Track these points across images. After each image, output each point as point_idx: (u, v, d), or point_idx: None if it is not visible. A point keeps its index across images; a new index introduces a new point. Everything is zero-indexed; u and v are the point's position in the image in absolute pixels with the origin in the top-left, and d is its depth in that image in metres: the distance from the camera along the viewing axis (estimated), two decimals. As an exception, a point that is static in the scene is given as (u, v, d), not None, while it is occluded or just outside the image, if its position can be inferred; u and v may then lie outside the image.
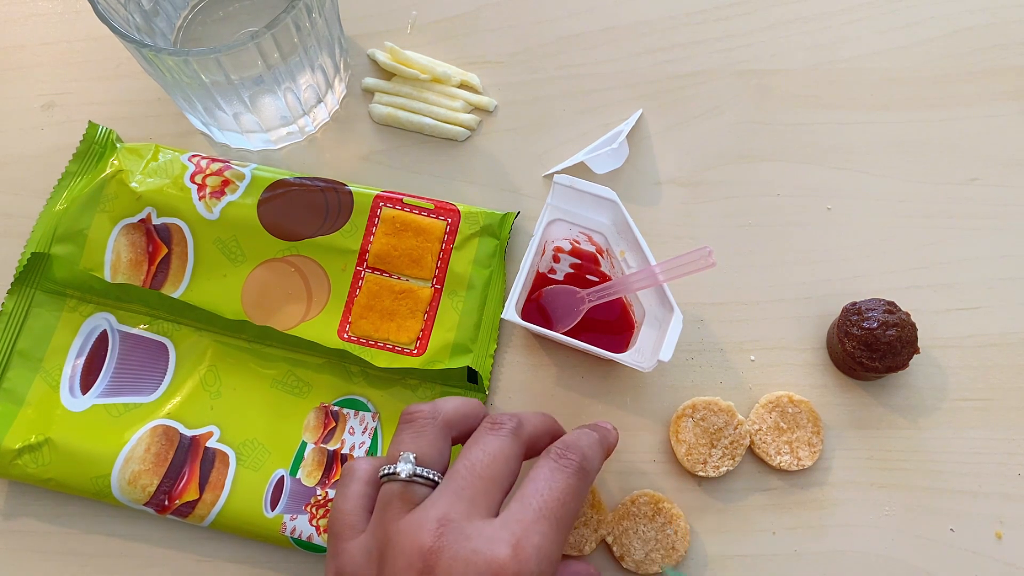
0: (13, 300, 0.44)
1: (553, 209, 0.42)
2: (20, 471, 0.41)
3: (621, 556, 0.40)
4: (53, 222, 0.44)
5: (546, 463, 0.32)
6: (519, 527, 0.30)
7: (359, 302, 0.43)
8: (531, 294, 0.43)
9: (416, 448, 0.32)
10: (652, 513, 0.40)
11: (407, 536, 0.30)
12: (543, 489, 0.31)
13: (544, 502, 0.31)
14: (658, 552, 0.39)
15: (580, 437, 0.34)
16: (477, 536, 0.29)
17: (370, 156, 0.48)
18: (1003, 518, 0.41)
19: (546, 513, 0.30)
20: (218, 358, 0.43)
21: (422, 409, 0.33)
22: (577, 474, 0.32)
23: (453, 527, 0.29)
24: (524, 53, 0.50)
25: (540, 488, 0.31)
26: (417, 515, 0.30)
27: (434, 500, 0.31)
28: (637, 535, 0.40)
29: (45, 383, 0.42)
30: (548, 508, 0.30)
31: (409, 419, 0.33)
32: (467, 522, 0.30)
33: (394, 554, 0.30)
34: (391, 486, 0.32)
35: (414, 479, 0.31)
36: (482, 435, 0.33)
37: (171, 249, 0.44)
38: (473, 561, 0.28)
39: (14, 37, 0.51)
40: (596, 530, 0.40)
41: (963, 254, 0.45)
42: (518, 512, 0.30)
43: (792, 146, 0.48)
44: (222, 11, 0.47)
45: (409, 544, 0.29)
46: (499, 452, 0.32)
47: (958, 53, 0.49)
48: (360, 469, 0.34)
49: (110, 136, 0.47)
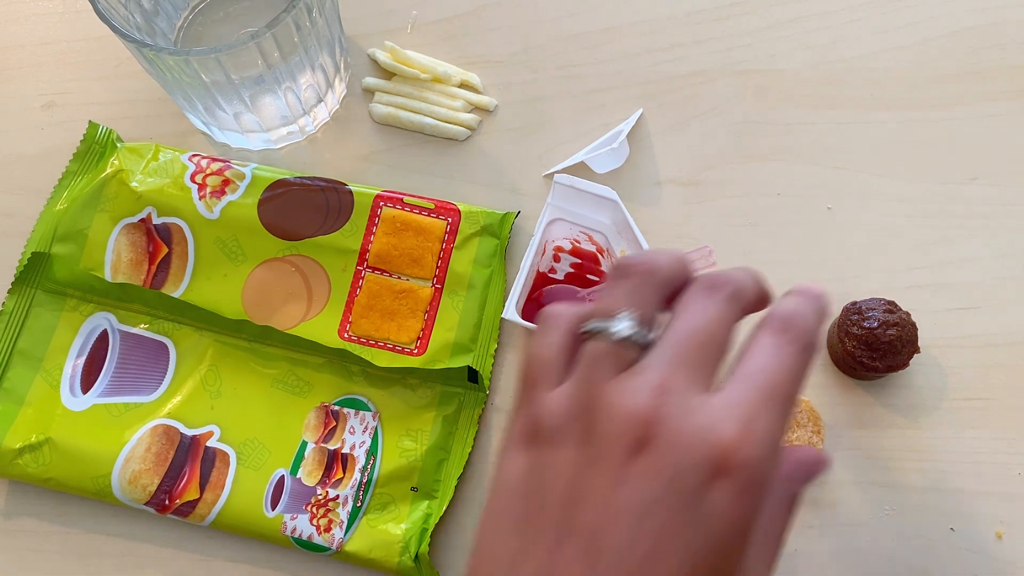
0: (14, 300, 0.44)
1: (553, 209, 0.42)
2: (20, 471, 0.41)
3: None
4: (53, 222, 0.44)
5: (770, 338, 0.28)
6: (746, 407, 0.26)
7: (359, 302, 0.43)
8: (532, 293, 0.43)
9: (633, 306, 0.29)
10: None
11: (622, 400, 0.26)
12: (770, 367, 0.27)
13: (772, 381, 0.27)
14: None
15: (801, 307, 0.30)
16: (700, 411, 0.26)
17: (370, 156, 0.48)
18: (1003, 518, 0.41)
19: (774, 394, 0.27)
20: (218, 358, 0.43)
21: (639, 263, 0.30)
22: (805, 351, 0.28)
23: (674, 397, 0.26)
24: (524, 53, 0.50)
25: (766, 365, 0.28)
26: (633, 379, 0.27)
27: (650, 366, 0.27)
28: None
29: (45, 383, 0.42)
30: (776, 388, 0.27)
31: (624, 272, 0.30)
32: (688, 394, 0.26)
33: (605, 417, 0.26)
34: (600, 344, 0.28)
35: (629, 341, 0.28)
36: (698, 298, 0.29)
37: (171, 249, 0.44)
38: (697, 437, 0.25)
39: (14, 37, 0.51)
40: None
41: (963, 254, 0.45)
42: (743, 390, 0.27)
43: (792, 146, 0.48)
44: (222, 11, 0.47)
45: (624, 409, 0.26)
46: (718, 320, 0.28)
47: (958, 53, 0.49)
48: (564, 318, 0.30)
49: (110, 136, 0.47)
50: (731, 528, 0.25)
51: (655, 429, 0.26)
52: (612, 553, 0.25)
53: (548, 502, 0.27)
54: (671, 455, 0.25)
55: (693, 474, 0.25)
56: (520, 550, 0.27)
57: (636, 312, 0.28)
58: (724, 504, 0.25)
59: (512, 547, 0.27)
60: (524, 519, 0.27)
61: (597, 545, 0.25)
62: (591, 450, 0.26)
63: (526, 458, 0.28)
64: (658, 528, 0.25)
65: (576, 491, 0.26)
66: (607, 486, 0.26)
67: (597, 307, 0.29)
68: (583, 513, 0.26)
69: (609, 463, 0.26)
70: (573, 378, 0.28)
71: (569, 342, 0.30)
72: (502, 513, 0.28)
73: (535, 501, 0.27)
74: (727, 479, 0.25)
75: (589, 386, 0.27)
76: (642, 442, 0.26)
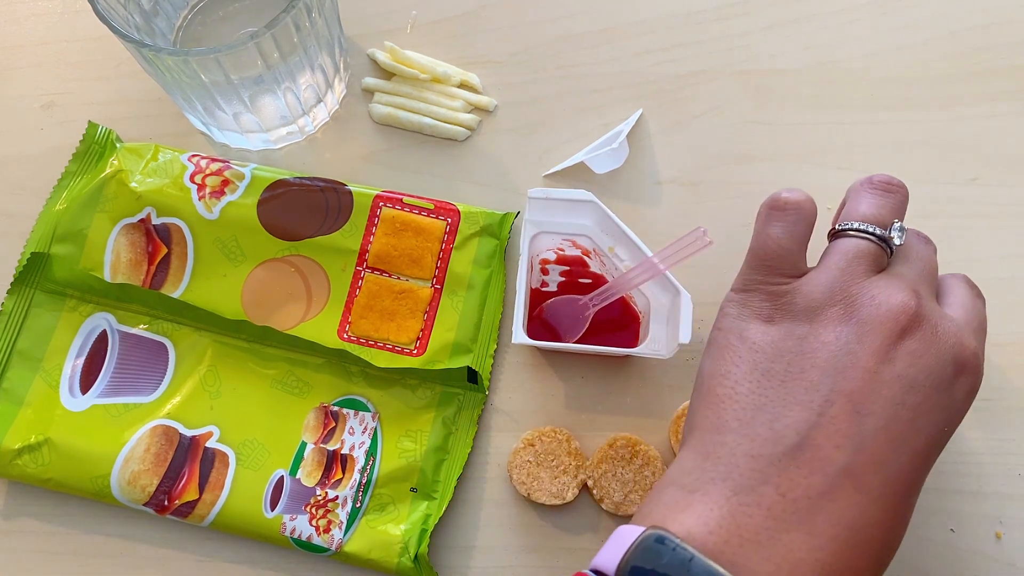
0: (13, 300, 0.44)
1: (532, 224, 0.42)
2: (20, 471, 0.41)
3: (600, 498, 0.40)
4: (53, 222, 0.44)
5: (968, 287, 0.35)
6: (975, 328, 0.33)
7: (359, 302, 0.43)
8: (531, 312, 0.43)
9: (894, 216, 0.35)
10: (630, 456, 0.40)
11: (888, 293, 0.31)
12: (977, 307, 0.34)
13: (980, 316, 0.34)
14: (636, 493, 0.40)
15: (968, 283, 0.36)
16: (949, 318, 0.32)
17: (370, 156, 0.48)
18: (1003, 518, 0.41)
19: (982, 326, 0.34)
20: (218, 358, 0.43)
21: (892, 182, 0.36)
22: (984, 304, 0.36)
23: (929, 301, 0.32)
24: (524, 53, 0.50)
25: (975, 306, 0.34)
26: (894, 280, 0.32)
27: (905, 274, 0.33)
28: (616, 477, 0.40)
29: (45, 383, 0.42)
30: (982, 323, 0.34)
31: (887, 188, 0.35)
32: (933, 304, 0.32)
33: (871, 304, 0.31)
34: (862, 242, 0.33)
35: (893, 247, 0.34)
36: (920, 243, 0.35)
37: (171, 249, 0.44)
38: (953, 336, 0.31)
39: (14, 37, 0.51)
40: (576, 476, 0.41)
41: (963, 254, 0.45)
42: (970, 318, 0.33)
43: (792, 146, 0.48)
44: (222, 11, 0.47)
45: (893, 300, 0.31)
46: (934, 260, 0.35)
47: (958, 53, 0.49)
48: (805, 210, 0.35)
49: (110, 136, 0.47)
50: (960, 416, 0.32)
51: (919, 320, 0.31)
52: (878, 417, 0.29)
53: (809, 365, 0.31)
54: (934, 346, 0.31)
55: (947, 367, 0.31)
56: (779, 400, 0.30)
57: (893, 221, 0.34)
58: (962, 396, 0.31)
59: (766, 398, 0.31)
60: (779, 376, 0.31)
61: (865, 407, 0.29)
62: (858, 329, 0.31)
63: (776, 330, 0.32)
64: (919, 403, 0.30)
65: (840, 361, 0.30)
66: (873, 361, 0.30)
67: (861, 211, 0.34)
68: (847, 381, 0.30)
69: (876, 342, 0.30)
70: (830, 267, 0.33)
71: (808, 233, 0.35)
72: (749, 367, 0.32)
73: (795, 363, 0.31)
74: (966, 377, 0.31)
75: (849, 277, 0.32)
76: (907, 330, 0.31)
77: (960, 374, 0.31)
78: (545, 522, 0.41)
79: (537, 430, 0.41)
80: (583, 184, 0.47)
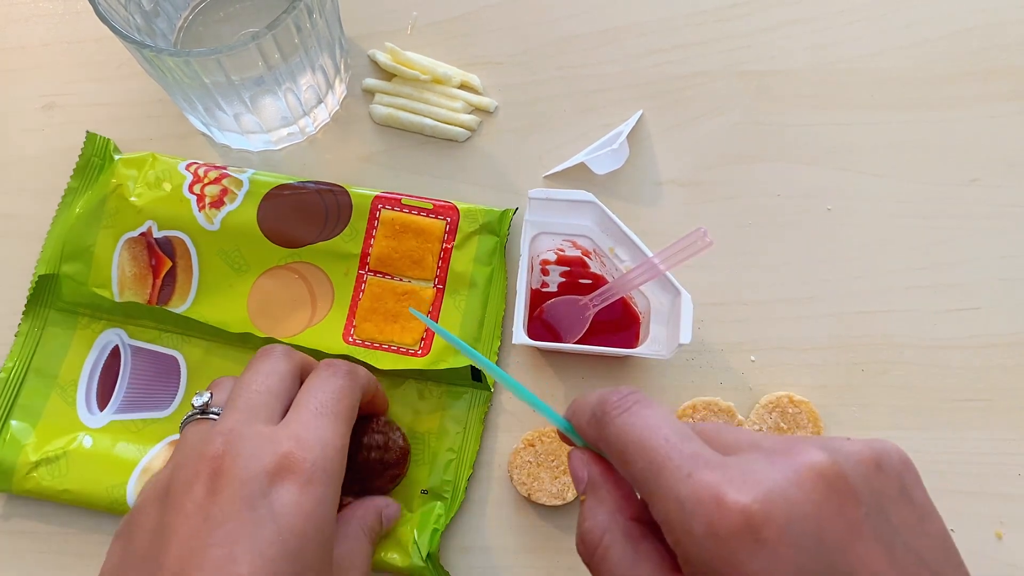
0: (28, 322, 0.44)
1: (533, 224, 0.42)
2: (35, 483, 0.41)
3: None
4: (60, 241, 0.44)
5: (317, 372, 0.35)
6: (299, 425, 0.32)
7: (362, 305, 0.43)
8: (532, 312, 0.43)
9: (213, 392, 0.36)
10: None
11: (193, 449, 0.32)
12: (316, 392, 0.34)
13: (320, 402, 0.33)
14: None
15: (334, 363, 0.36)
16: (259, 436, 0.31)
17: (370, 157, 0.48)
18: (1003, 518, 0.41)
19: (323, 411, 0.33)
20: (227, 369, 0.43)
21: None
22: (348, 375, 0.35)
23: (236, 433, 0.31)
24: (524, 54, 0.50)
25: (314, 391, 0.34)
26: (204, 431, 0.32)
27: (220, 420, 0.33)
28: None
29: (61, 399, 0.43)
30: (324, 406, 0.33)
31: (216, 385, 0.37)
32: (249, 428, 0.32)
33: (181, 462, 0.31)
34: None
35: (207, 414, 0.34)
36: (255, 363, 0.35)
37: (176, 262, 0.44)
38: (258, 455, 0.30)
39: (14, 37, 0.51)
40: None
41: (963, 254, 0.45)
42: (296, 415, 0.33)
43: (792, 146, 0.48)
44: (223, 12, 0.47)
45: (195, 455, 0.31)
46: (272, 371, 0.35)
47: (958, 53, 0.49)
48: None
49: (108, 146, 0.46)
50: (301, 515, 0.29)
51: (221, 461, 0.30)
52: None
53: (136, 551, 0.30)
54: (235, 472, 0.30)
55: (256, 481, 0.29)
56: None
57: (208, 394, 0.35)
58: (290, 496, 0.30)
59: None
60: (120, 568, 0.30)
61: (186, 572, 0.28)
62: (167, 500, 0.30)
63: None
64: (227, 533, 0.28)
65: (160, 537, 0.29)
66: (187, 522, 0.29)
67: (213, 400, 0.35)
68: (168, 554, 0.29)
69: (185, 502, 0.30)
70: None
71: None
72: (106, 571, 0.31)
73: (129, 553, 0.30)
74: (289, 477, 0.30)
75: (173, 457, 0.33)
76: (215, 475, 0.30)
77: (279, 479, 0.30)
78: (545, 522, 0.41)
79: (538, 430, 0.42)
80: (583, 185, 0.47)
